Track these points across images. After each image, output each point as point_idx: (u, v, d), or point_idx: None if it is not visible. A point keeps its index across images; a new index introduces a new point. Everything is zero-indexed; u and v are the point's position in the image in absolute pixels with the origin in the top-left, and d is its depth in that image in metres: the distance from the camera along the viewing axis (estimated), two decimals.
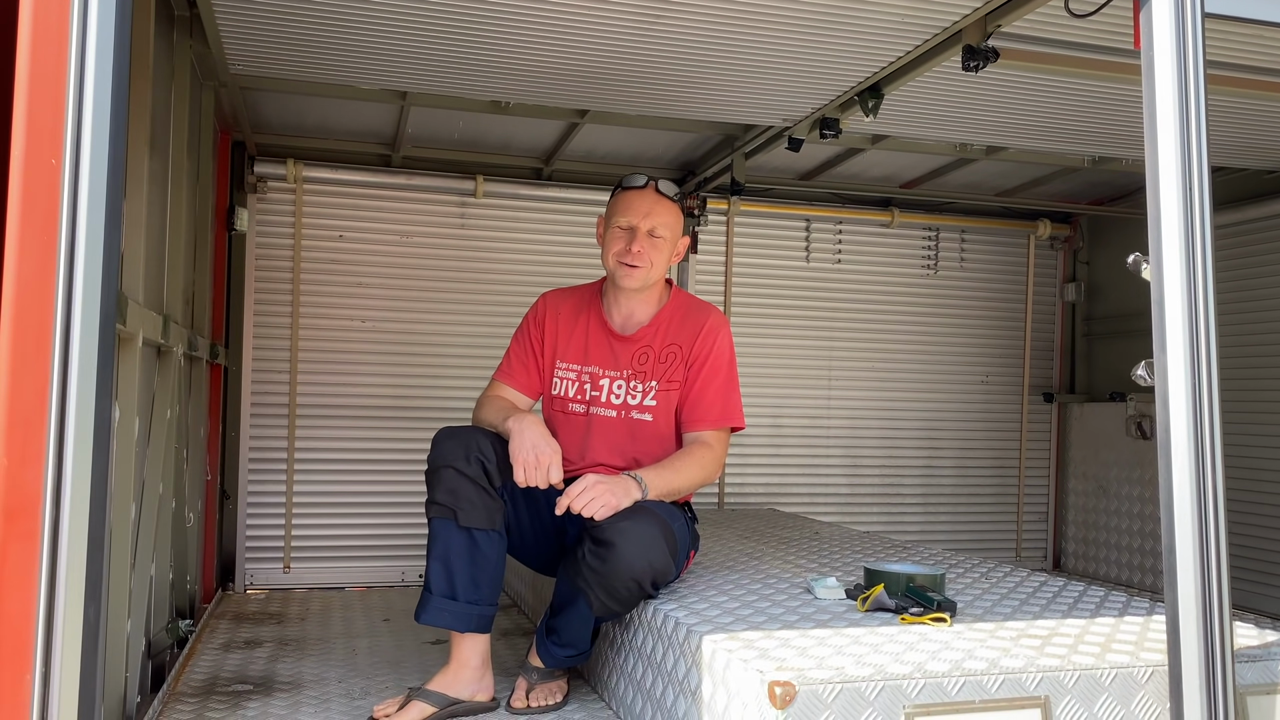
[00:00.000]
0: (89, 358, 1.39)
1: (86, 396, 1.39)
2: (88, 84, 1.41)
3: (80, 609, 1.37)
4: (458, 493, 2.43)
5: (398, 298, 4.40)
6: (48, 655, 1.35)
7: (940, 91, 3.25)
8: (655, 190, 2.68)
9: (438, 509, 2.46)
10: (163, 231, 2.71)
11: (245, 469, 4.22)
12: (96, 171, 1.41)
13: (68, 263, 1.39)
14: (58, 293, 1.38)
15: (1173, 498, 1.82)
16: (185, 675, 2.87)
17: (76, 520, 1.37)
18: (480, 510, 2.44)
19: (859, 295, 4.99)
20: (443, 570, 2.45)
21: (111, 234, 1.42)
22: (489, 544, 2.47)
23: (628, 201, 2.67)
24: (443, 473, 2.45)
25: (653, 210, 2.65)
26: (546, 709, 2.58)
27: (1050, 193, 4.91)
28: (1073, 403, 5.20)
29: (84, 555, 1.37)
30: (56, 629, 1.35)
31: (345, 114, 3.95)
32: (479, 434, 2.51)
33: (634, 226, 2.65)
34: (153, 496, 2.50)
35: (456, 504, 2.43)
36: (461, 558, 2.45)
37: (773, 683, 1.73)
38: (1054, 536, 5.28)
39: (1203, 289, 1.86)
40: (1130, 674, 1.91)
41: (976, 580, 2.82)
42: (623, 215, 2.67)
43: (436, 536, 2.46)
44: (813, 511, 4.85)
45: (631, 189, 2.68)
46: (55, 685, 1.35)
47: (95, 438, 1.39)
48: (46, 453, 1.36)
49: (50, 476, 1.36)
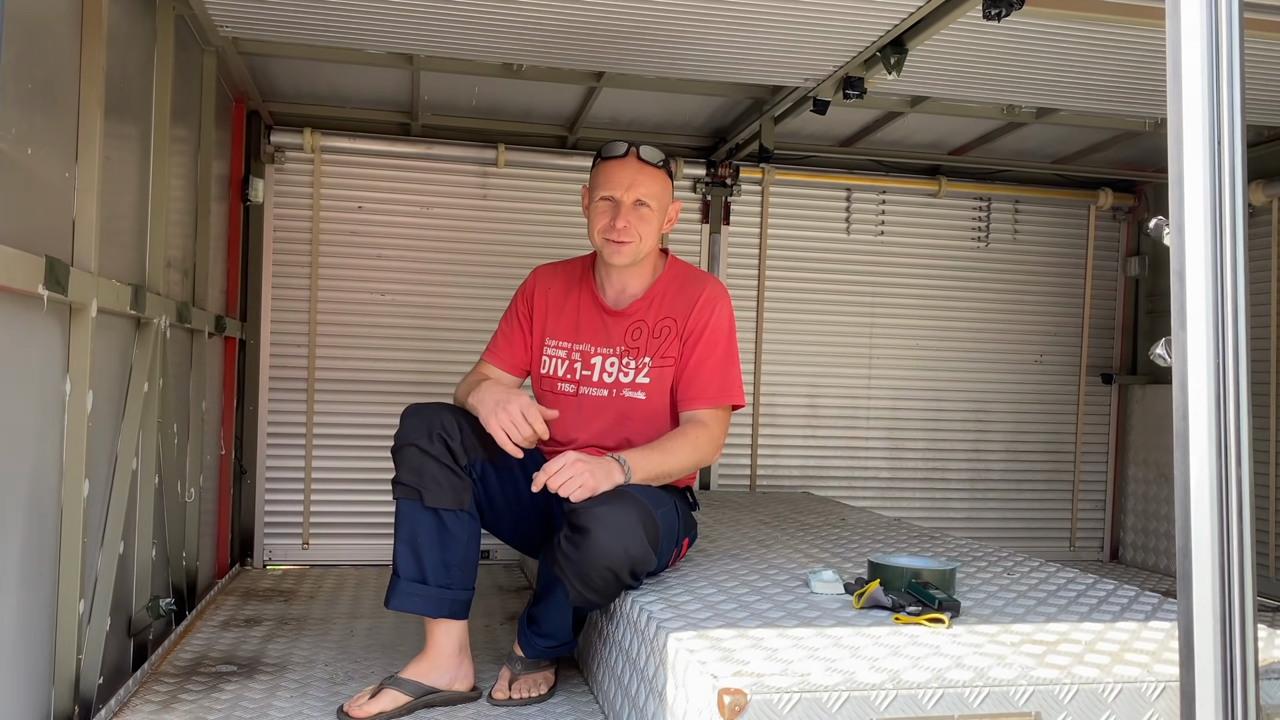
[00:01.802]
0: None
1: None
2: None
3: None
4: (422, 472, 2.32)
5: (418, 270, 4.29)
6: None
7: (975, 46, 3.00)
8: (637, 158, 2.48)
9: (402, 489, 2.35)
10: (142, 200, 2.63)
11: (264, 444, 4.18)
12: None
13: None
14: None
15: (1189, 493, 1.61)
16: (174, 654, 2.81)
17: None
18: (446, 490, 2.32)
19: (903, 269, 4.74)
20: (410, 553, 2.34)
21: None
22: (458, 525, 2.34)
23: (609, 172, 2.50)
24: (406, 451, 2.34)
25: (635, 180, 2.47)
26: (529, 700, 2.45)
27: (1112, 159, 4.58)
28: (1134, 384, 4.88)
29: None
30: None
31: (359, 80, 3.84)
32: (444, 410, 2.38)
33: (618, 199, 2.48)
34: (125, 472, 2.42)
35: (421, 484, 2.32)
36: (430, 540, 2.33)
37: (722, 690, 1.56)
38: (1112, 526, 4.97)
39: (1231, 258, 1.62)
40: (1138, 689, 1.70)
41: (997, 576, 2.60)
42: (604, 187, 2.49)
43: (403, 518, 2.36)
44: (850, 496, 4.63)
45: (612, 158, 2.50)
46: None
47: None
48: None
49: None
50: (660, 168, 2.52)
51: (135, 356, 2.55)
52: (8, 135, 1.73)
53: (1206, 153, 1.63)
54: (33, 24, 1.85)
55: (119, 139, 2.38)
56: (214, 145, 3.39)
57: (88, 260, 2.11)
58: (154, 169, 2.69)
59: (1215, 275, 1.62)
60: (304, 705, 2.42)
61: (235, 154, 3.90)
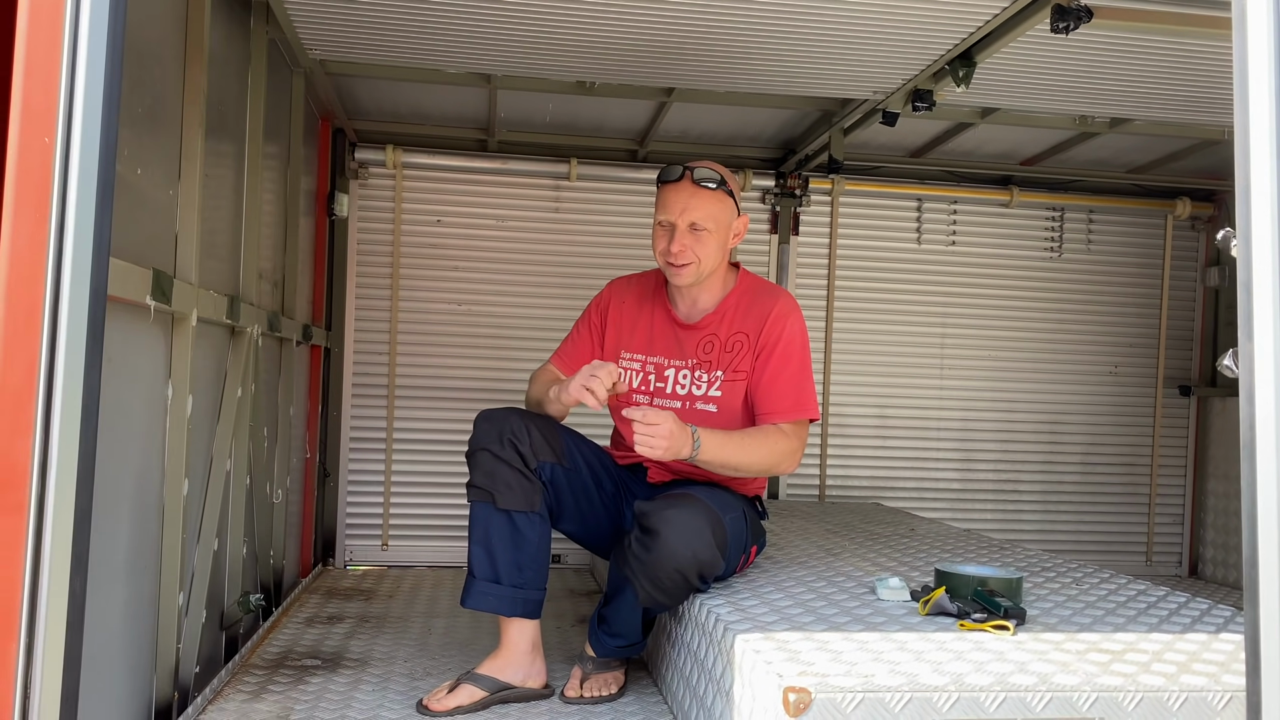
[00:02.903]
0: (78, 330, 1.40)
1: (75, 369, 1.39)
2: (80, 64, 1.42)
3: (65, 581, 1.38)
4: (494, 475, 2.41)
5: (493, 281, 4.41)
6: (32, 626, 1.36)
7: (1044, 58, 3.01)
8: (691, 181, 2.53)
9: (476, 492, 2.45)
10: (237, 215, 2.77)
11: (346, 448, 4.33)
12: (88, 150, 1.42)
13: (57, 238, 1.40)
14: (48, 268, 1.39)
15: (1256, 504, 1.61)
16: (262, 648, 2.95)
17: (63, 493, 1.38)
18: (517, 492, 2.41)
19: (975, 279, 4.72)
20: (484, 554, 2.43)
21: (103, 209, 1.42)
22: (529, 526, 2.43)
23: (665, 197, 2.56)
24: (478, 456, 2.44)
25: (690, 204, 2.51)
26: (600, 699, 2.53)
27: (1189, 169, 4.51)
28: (1213, 396, 4.78)
29: (69, 529, 1.38)
30: (41, 601, 1.37)
31: (438, 99, 3.98)
32: (513, 415, 2.47)
33: (672, 223, 2.54)
34: (220, 473, 2.56)
35: (493, 487, 2.41)
36: (503, 541, 2.42)
37: (788, 688, 1.62)
38: (1190, 541, 4.87)
39: None
40: (1204, 698, 1.70)
41: (1065, 586, 2.60)
42: (662, 211, 2.56)
43: (476, 520, 2.46)
44: (920, 507, 4.62)
45: (669, 183, 2.56)
46: (39, 656, 1.36)
47: (84, 411, 1.40)
48: (35, 426, 1.38)
49: (37, 450, 1.38)
50: (716, 189, 2.55)
51: (229, 363, 2.69)
52: (121, 157, 1.86)
53: (1273, 163, 1.64)
54: (143, 51, 1.99)
55: (216, 157, 2.52)
56: (302, 162, 3.55)
57: (189, 272, 2.24)
58: (248, 185, 2.83)
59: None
60: (384, 699, 2.52)
61: (321, 170, 4.06)
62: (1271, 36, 1.64)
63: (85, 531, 1.41)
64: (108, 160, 1.43)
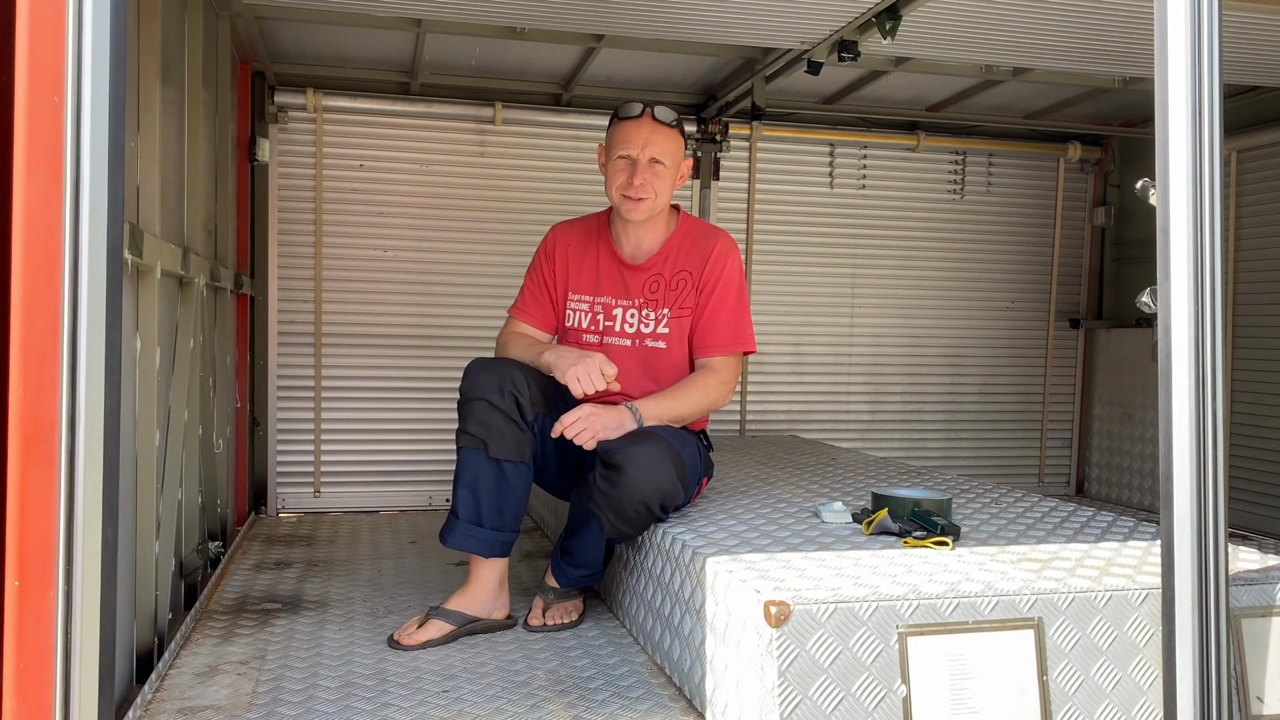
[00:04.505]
0: (98, 288, 1.43)
1: (97, 326, 1.43)
2: (86, 21, 1.43)
3: (99, 530, 1.43)
4: (489, 425, 2.48)
5: (419, 226, 4.42)
6: (69, 575, 1.41)
7: (961, 12, 3.17)
8: (652, 118, 2.65)
9: (469, 439, 2.51)
10: (180, 164, 2.74)
11: (274, 396, 4.32)
12: (98, 107, 1.43)
13: (73, 197, 1.42)
14: (65, 226, 1.42)
15: (1172, 425, 1.83)
16: (217, 594, 2.98)
17: (92, 446, 1.42)
18: (510, 442, 2.50)
19: (883, 221, 4.95)
20: (470, 498, 2.51)
21: (115, 167, 1.45)
22: (516, 475, 2.53)
23: (625, 132, 2.66)
24: (475, 405, 2.50)
25: (651, 139, 2.64)
26: (562, 626, 2.66)
27: (1080, 114, 4.80)
28: (1099, 328, 5.16)
29: (100, 479, 1.43)
30: (76, 550, 1.42)
31: (363, 42, 3.94)
32: (513, 367, 2.55)
33: (634, 158, 2.64)
34: (178, 424, 2.58)
35: (488, 435, 2.48)
36: (489, 487, 2.51)
37: (768, 602, 1.78)
38: (1078, 462, 5.28)
39: (1209, 215, 1.84)
40: (1125, 597, 1.94)
41: (986, 505, 2.85)
42: (621, 147, 2.66)
43: (465, 465, 2.52)
44: (834, 438, 4.88)
45: (628, 119, 2.66)
46: (77, 603, 1.41)
47: (107, 366, 1.44)
48: (60, 381, 1.41)
49: (65, 404, 1.41)
50: (673, 126, 2.69)
51: (180, 314, 2.69)
52: None
53: (1189, 122, 1.83)
54: None
55: (164, 105, 2.49)
56: (229, 108, 3.49)
57: (152, 225, 2.24)
58: (188, 134, 2.80)
59: (1195, 233, 1.84)
60: (353, 635, 2.61)
61: (241, 115, 3.99)
62: (1187, 6, 1.83)
63: (114, 482, 1.46)
64: (117, 117, 1.46)
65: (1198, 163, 1.83)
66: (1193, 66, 1.80)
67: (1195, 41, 1.80)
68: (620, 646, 2.54)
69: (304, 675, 2.29)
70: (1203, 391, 1.82)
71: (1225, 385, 1.84)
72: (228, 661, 2.39)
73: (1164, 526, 1.82)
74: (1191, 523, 1.80)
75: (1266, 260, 4.31)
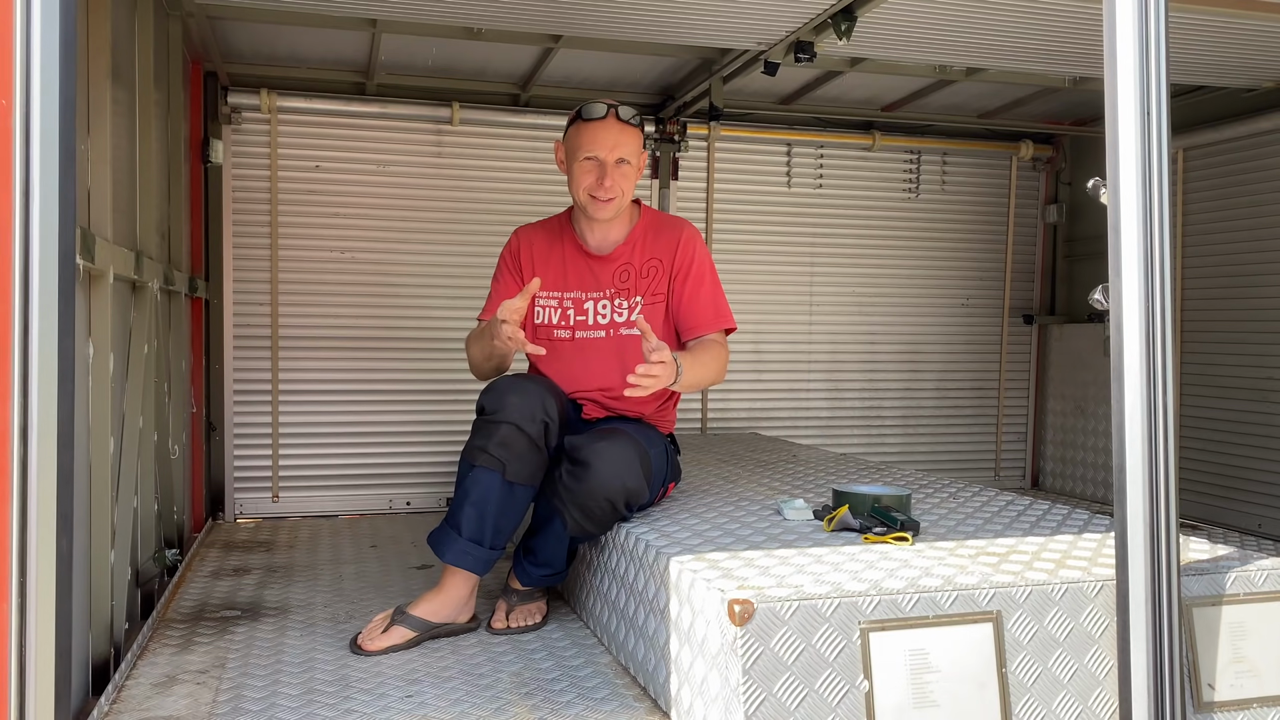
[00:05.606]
0: (49, 294, 1.41)
1: (49, 332, 1.41)
2: (34, 22, 1.41)
3: (53, 541, 1.41)
4: (512, 448, 2.46)
5: (376, 227, 4.39)
6: (23, 586, 1.39)
7: (915, 13, 3.21)
8: (617, 118, 2.66)
9: (488, 459, 2.47)
10: (132, 166, 2.70)
11: (230, 401, 4.26)
12: (48, 110, 1.41)
13: (23, 202, 1.39)
14: (15, 231, 1.39)
15: (1124, 419, 1.86)
16: (175, 602, 2.94)
17: (45, 454, 1.40)
18: (529, 468, 2.50)
19: (840, 220, 4.99)
20: (477, 516, 2.49)
21: (66, 171, 1.43)
22: (525, 497, 2.54)
23: (592, 134, 2.66)
24: (503, 428, 2.47)
25: (619, 140, 2.65)
26: (526, 629, 2.66)
27: (1032, 113, 4.88)
28: (1052, 324, 5.24)
29: (54, 488, 1.40)
30: (30, 561, 1.39)
31: (317, 42, 3.90)
32: (546, 393, 2.53)
33: (602, 159, 2.65)
34: (133, 430, 2.54)
35: (508, 459, 2.46)
36: (497, 508, 2.49)
37: (732, 601, 1.79)
38: (1032, 456, 5.36)
39: (1158, 214, 1.88)
40: (1080, 588, 1.98)
41: (944, 500, 2.88)
42: (588, 148, 2.66)
43: (477, 483, 2.49)
44: (794, 435, 4.92)
45: (593, 120, 2.67)
46: (31, 615, 1.39)
47: (60, 372, 1.42)
48: (12, 389, 1.39)
49: (17, 412, 1.39)
50: (636, 125, 2.71)
51: (134, 319, 2.65)
52: None
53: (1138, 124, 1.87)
54: None
55: (115, 106, 2.45)
56: (181, 109, 3.44)
57: (104, 228, 2.20)
58: (139, 136, 2.76)
59: (1145, 231, 1.87)
60: (315, 642, 2.58)
61: (194, 116, 3.93)
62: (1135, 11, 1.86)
63: (68, 491, 1.44)
64: (67, 120, 1.43)
65: (1146, 160, 1.87)
66: (1141, 67, 1.84)
67: (1143, 42, 1.84)
68: (584, 648, 2.54)
69: (265, 683, 2.26)
70: (1153, 385, 1.86)
71: (1175, 379, 1.89)
72: (186, 671, 2.36)
73: (1118, 518, 1.85)
74: (1144, 514, 1.84)
75: (1213, 256, 4.41)
